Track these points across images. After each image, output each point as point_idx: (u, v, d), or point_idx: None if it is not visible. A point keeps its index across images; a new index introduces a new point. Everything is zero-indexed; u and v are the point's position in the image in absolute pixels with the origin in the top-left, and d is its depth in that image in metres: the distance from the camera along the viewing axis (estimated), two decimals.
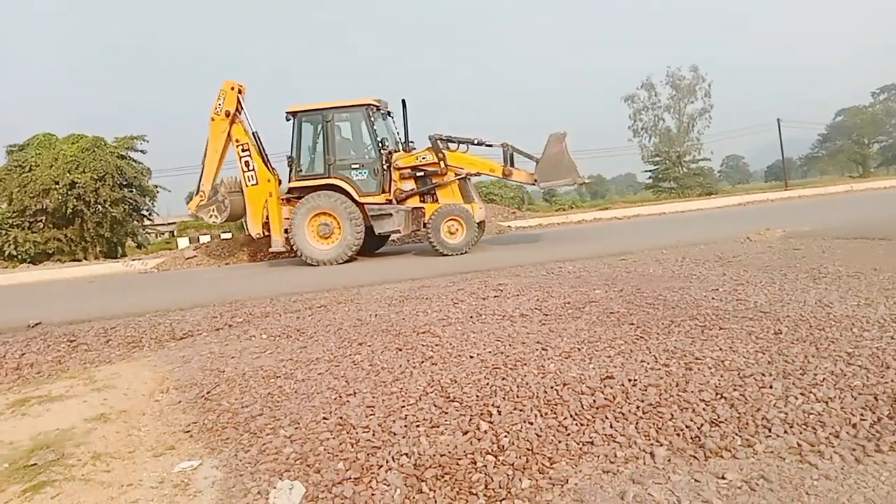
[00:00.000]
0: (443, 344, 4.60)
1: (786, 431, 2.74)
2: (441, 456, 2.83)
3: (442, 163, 12.54)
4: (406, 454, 2.87)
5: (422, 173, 12.86)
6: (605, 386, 3.41)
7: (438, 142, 12.67)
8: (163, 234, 42.03)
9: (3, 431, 3.63)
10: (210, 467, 2.99)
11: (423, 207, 12.84)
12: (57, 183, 24.64)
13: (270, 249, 14.28)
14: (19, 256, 24.76)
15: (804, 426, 2.77)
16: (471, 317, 5.49)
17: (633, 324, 4.69)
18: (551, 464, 2.67)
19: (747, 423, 2.84)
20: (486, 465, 2.71)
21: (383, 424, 3.22)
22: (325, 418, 3.39)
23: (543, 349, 4.19)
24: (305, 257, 13.01)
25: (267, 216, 13.54)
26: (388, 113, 13.63)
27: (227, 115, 13.44)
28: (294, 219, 12.97)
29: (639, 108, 48.87)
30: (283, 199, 13.40)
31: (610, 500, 2.35)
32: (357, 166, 13.02)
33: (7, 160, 26.32)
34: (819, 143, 62.45)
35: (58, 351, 5.85)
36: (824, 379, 3.24)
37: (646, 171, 50.87)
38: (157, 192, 28.99)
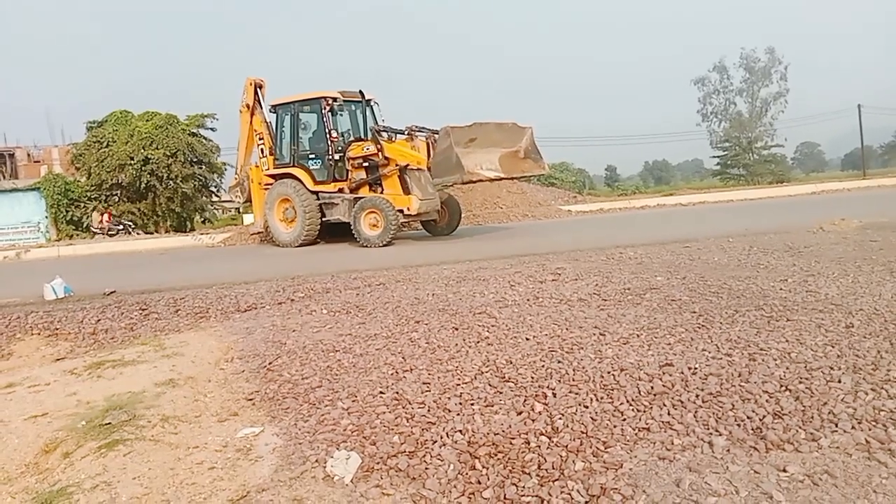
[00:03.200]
0: (499, 325, 4.60)
1: (853, 427, 2.64)
2: (495, 434, 2.84)
3: (380, 153, 12.49)
4: (460, 431, 2.89)
5: (368, 164, 12.84)
6: (663, 373, 3.35)
7: (377, 133, 12.71)
8: (229, 210, 43.24)
9: (80, 391, 3.85)
10: (271, 434, 3.10)
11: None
12: (132, 158, 25.65)
13: (251, 231, 16.26)
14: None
15: (874, 423, 2.66)
16: (528, 299, 5.47)
17: (695, 312, 4.58)
18: (606, 448, 2.66)
19: (812, 417, 2.75)
20: (539, 446, 2.71)
21: (438, 401, 3.25)
22: (381, 393, 3.45)
23: (601, 334, 4.14)
24: (274, 239, 14.22)
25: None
26: (367, 103, 13.60)
27: (248, 107, 14.61)
28: (266, 203, 14.17)
29: (709, 92, 47.37)
30: (263, 186, 14.51)
31: (665, 486, 2.32)
32: (313, 156, 13.50)
33: (87, 136, 27.53)
34: None
35: (130, 318, 6.13)
36: None
37: (714, 156, 49.39)
38: (225, 169, 29.79)
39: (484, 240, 12.61)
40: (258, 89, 14.46)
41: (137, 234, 24.30)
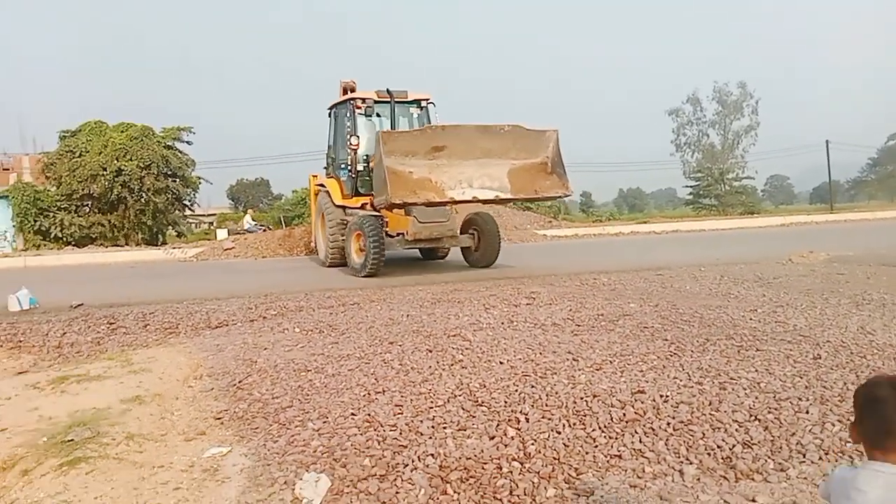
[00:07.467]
0: (473, 348, 4.59)
1: (821, 458, 2.67)
2: (467, 459, 2.82)
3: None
4: (432, 455, 2.87)
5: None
6: (635, 400, 3.37)
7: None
8: (203, 224, 42.79)
9: (43, 407, 3.74)
10: (239, 455, 3.04)
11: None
12: (104, 169, 25.26)
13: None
14: (64, 239, 25.47)
15: (840, 454, 2.70)
16: (502, 323, 5.47)
17: (667, 339, 4.62)
18: (578, 475, 2.65)
19: (781, 447, 2.78)
20: (511, 472, 2.70)
21: (411, 424, 3.23)
22: (353, 414, 3.41)
23: (574, 359, 4.16)
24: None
25: None
26: (417, 104, 11.77)
27: None
28: (316, 216, 12.78)
29: (683, 123, 48.33)
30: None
31: None
32: (343, 166, 11.83)
33: (59, 145, 27.10)
34: (869, 168, 60.82)
35: (97, 332, 6.00)
36: None
37: (686, 186, 50.15)
38: (200, 183, 29.50)
39: (459, 261, 12.61)
40: (348, 92, 12.62)
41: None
